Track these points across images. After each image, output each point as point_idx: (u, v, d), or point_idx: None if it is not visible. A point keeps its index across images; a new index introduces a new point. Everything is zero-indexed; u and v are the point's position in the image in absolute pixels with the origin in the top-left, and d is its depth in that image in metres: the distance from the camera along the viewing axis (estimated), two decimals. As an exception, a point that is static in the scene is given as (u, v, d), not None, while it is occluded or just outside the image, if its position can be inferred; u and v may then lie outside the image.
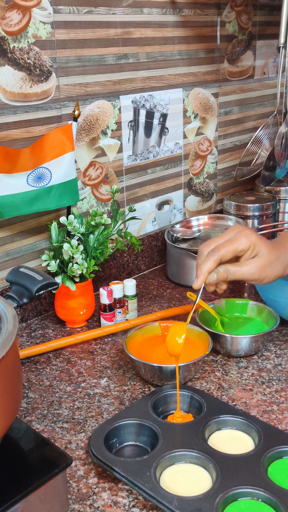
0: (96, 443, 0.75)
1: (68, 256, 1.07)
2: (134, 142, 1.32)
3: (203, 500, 0.66)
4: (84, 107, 1.18)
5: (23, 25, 1.03)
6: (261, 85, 1.72)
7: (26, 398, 0.91)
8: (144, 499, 0.70)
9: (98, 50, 1.18)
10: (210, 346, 0.94)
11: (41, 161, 1.05)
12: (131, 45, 1.25)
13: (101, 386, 0.94)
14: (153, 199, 1.42)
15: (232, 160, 1.69)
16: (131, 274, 1.39)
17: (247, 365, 0.99)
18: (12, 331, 0.63)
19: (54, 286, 0.75)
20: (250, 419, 0.80)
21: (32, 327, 1.15)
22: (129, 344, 0.96)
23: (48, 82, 1.10)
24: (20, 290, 0.74)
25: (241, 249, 0.87)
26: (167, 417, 0.83)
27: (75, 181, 1.10)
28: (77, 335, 1.07)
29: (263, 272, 0.89)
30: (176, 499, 0.66)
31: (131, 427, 0.80)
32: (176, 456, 0.74)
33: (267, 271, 0.89)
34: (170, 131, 1.42)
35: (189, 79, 1.43)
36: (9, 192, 1.03)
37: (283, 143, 1.44)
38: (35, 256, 1.17)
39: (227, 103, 1.60)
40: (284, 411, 0.86)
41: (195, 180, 1.55)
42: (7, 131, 1.05)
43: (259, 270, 0.88)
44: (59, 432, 0.83)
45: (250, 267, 0.88)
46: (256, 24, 1.62)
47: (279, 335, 1.09)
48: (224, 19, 1.49)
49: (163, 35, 1.32)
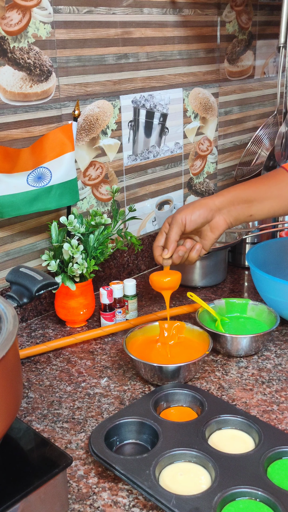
0: (96, 441, 0.75)
1: (68, 256, 1.07)
2: (134, 142, 1.33)
3: (202, 499, 0.66)
4: (84, 107, 1.18)
5: (23, 25, 1.03)
6: (261, 85, 1.72)
7: (26, 398, 0.91)
8: (144, 498, 0.70)
9: (98, 50, 1.18)
10: (210, 346, 0.94)
11: (41, 161, 1.05)
12: (131, 45, 1.25)
13: (101, 386, 0.94)
14: (153, 199, 1.43)
15: (232, 160, 1.69)
16: (131, 274, 1.39)
17: (247, 365, 0.99)
18: (12, 331, 0.63)
19: (54, 286, 0.75)
20: (251, 419, 0.80)
21: (32, 327, 1.15)
22: (129, 344, 0.96)
23: (48, 82, 1.10)
24: (20, 290, 0.74)
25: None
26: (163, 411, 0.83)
27: (75, 181, 1.10)
28: (77, 335, 1.07)
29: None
30: (175, 497, 0.66)
31: (132, 425, 0.80)
32: (176, 455, 0.74)
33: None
34: (170, 131, 1.42)
35: (189, 79, 1.43)
36: (9, 192, 1.03)
37: (283, 143, 1.44)
38: (35, 256, 1.17)
39: (227, 103, 1.60)
40: (284, 411, 0.86)
41: (195, 180, 1.55)
42: (7, 131, 1.05)
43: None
44: (59, 432, 0.83)
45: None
46: (256, 24, 1.62)
47: (279, 335, 1.09)
48: (224, 19, 1.49)
49: (163, 35, 1.32)
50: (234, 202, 0.97)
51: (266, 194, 0.98)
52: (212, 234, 0.99)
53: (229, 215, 0.98)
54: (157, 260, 0.98)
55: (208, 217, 0.96)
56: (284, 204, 0.99)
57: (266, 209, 0.99)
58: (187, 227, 0.96)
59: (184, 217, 0.95)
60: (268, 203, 0.99)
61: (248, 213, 0.98)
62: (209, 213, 0.96)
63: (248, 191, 0.98)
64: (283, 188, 0.99)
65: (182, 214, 0.95)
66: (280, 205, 0.99)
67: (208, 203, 0.96)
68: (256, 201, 0.98)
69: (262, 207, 0.98)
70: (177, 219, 0.95)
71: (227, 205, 0.97)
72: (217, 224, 0.97)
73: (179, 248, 0.97)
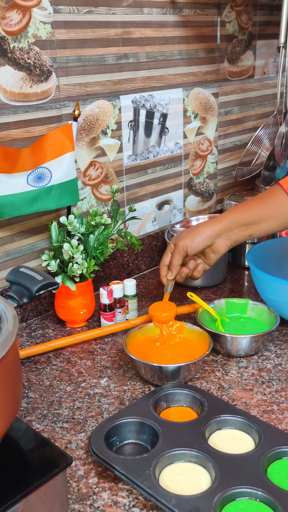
0: (96, 441, 0.75)
1: (68, 256, 1.07)
2: (134, 142, 1.33)
3: (201, 499, 0.66)
4: (84, 107, 1.18)
5: (23, 25, 1.03)
6: (261, 85, 1.72)
7: (26, 398, 0.91)
8: (144, 498, 0.70)
9: (98, 50, 1.18)
10: (210, 346, 0.94)
11: (41, 161, 1.06)
12: (131, 45, 1.25)
13: (101, 386, 0.94)
14: (153, 199, 1.43)
15: (232, 160, 1.69)
16: (131, 274, 1.39)
17: (247, 365, 0.99)
18: (12, 331, 0.63)
19: (54, 286, 0.75)
20: (251, 419, 0.80)
21: (32, 327, 1.15)
22: (129, 344, 0.96)
23: (48, 82, 1.10)
24: (20, 290, 0.74)
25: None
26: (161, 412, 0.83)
27: (75, 181, 1.10)
28: (77, 335, 1.07)
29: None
30: (175, 497, 0.66)
31: (132, 425, 0.80)
32: (176, 455, 0.74)
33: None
34: (170, 131, 1.42)
35: (189, 79, 1.43)
36: (9, 192, 1.03)
37: (283, 143, 1.44)
38: (35, 256, 1.17)
39: (227, 103, 1.60)
40: (284, 411, 0.86)
41: (195, 180, 1.55)
42: (7, 131, 1.05)
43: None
44: (59, 432, 0.83)
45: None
46: (256, 24, 1.62)
47: (279, 335, 1.09)
48: (224, 19, 1.49)
49: (163, 35, 1.32)
50: (232, 227, 1.03)
51: (262, 216, 1.04)
52: (214, 255, 1.06)
53: (228, 239, 1.04)
54: (162, 280, 1.07)
55: (208, 244, 1.04)
56: (281, 223, 1.05)
57: (263, 230, 1.04)
58: (189, 253, 1.04)
59: (185, 245, 1.03)
60: (265, 224, 1.04)
61: (246, 235, 1.04)
62: (209, 240, 1.03)
63: (244, 215, 1.04)
64: (278, 207, 1.04)
65: (184, 241, 1.03)
66: (276, 224, 1.05)
67: (206, 231, 1.03)
68: (253, 224, 1.03)
69: (259, 228, 1.04)
70: (178, 247, 1.03)
71: (225, 231, 1.04)
72: (217, 248, 1.05)
73: (182, 270, 1.06)
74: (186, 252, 1.03)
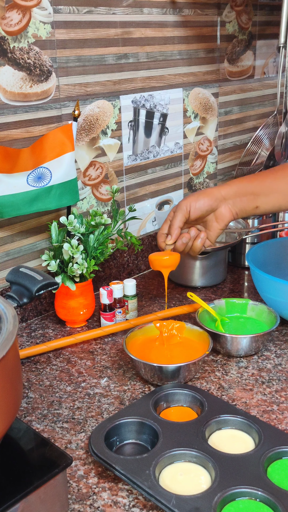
0: (96, 441, 0.75)
1: (68, 256, 1.07)
2: (134, 142, 1.33)
3: (202, 499, 0.66)
4: (84, 107, 1.18)
5: (23, 25, 1.03)
6: (261, 85, 1.72)
7: (26, 398, 0.91)
8: (144, 498, 0.70)
9: (98, 50, 1.18)
10: (210, 346, 0.94)
11: (41, 161, 1.06)
12: (131, 45, 1.25)
13: (101, 386, 0.94)
14: (153, 199, 1.43)
15: (232, 160, 1.69)
16: (131, 274, 1.39)
17: (247, 365, 0.99)
18: (12, 331, 0.63)
19: (54, 286, 0.75)
20: (251, 419, 0.80)
21: (32, 327, 1.15)
22: (129, 344, 0.96)
23: (48, 82, 1.10)
24: (20, 290, 0.74)
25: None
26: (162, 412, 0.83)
27: (75, 181, 1.10)
28: (77, 335, 1.07)
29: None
30: (175, 497, 0.66)
31: (132, 425, 0.80)
32: (176, 455, 0.74)
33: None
34: (170, 131, 1.42)
35: (189, 79, 1.43)
36: (9, 192, 1.03)
37: (283, 143, 1.44)
38: (35, 256, 1.17)
39: (227, 103, 1.60)
40: (284, 411, 0.86)
41: (195, 180, 1.55)
42: (7, 131, 1.05)
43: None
44: (59, 432, 0.83)
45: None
46: (256, 24, 1.62)
47: (279, 335, 1.09)
48: (224, 19, 1.49)
49: (163, 35, 1.32)
50: (240, 193, 0.97)
51: (272, 188, 0.98)
52: (217, 224, 0.99)
53: (235, 206, 0.98)
54: (160, 246, 0.99)
55: (213, 206, 0.96)
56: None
57: (271, 203, 0.99)
58: (191, 214, 0.96)
59: (188, 204, 0.95)
60: (274, 196, 0.99)
61: (254, 205, 0.98)
62: (214, 202, 0.96)
63: (254, 184, 0.98)
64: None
65: (187, 201, 0.96)
66: (285, 199, 0.99)
67: (213, 192, 0.97)
68: (262, 194, 0.98)
69: (267, 200, 0.98)
70: (181, 206, 0.96)
71: (233, 196, 0.97)
72: (222, 214, 0.98)
73: (183, 235, 0.97)
74: (189, 212, 0.96)
